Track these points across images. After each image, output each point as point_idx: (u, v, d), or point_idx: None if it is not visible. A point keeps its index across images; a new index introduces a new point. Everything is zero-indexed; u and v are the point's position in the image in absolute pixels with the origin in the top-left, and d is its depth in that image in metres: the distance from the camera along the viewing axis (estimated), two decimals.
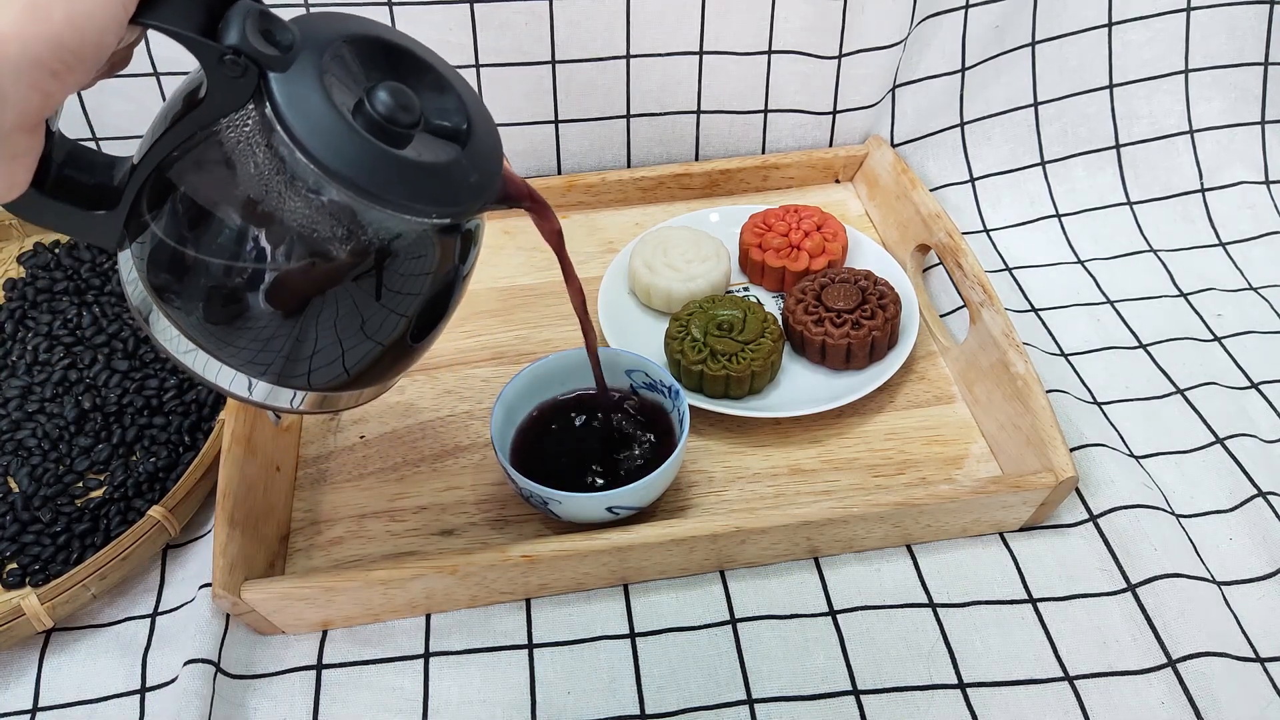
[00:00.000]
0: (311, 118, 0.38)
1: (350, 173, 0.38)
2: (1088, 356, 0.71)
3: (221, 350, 0.43)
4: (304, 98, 0.38)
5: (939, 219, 0.71)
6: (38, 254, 0.75)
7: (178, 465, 0.61)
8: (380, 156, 0.38)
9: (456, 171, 0.41)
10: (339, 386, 0.46)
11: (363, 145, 0.38)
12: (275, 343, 0.43)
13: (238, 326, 0.42)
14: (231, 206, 0.40)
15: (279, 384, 0.45)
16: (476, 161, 0.42)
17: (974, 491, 0.55)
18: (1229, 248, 0.80)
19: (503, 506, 0.60)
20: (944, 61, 0.81)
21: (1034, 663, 0.53)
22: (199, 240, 0.40)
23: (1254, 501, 0.60)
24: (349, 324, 0.43)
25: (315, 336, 0.43)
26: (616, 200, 0.81)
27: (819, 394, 0.64)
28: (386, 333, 0.44)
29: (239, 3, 0.37)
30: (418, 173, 0.39)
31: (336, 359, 0.44)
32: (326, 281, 0.41)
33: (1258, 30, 0.83)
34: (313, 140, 0.38)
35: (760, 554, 0.56)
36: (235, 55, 0.36)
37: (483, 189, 0.42)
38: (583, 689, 0.52)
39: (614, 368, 0.60)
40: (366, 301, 0.42)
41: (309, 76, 0.38)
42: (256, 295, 0.41)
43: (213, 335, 0.43)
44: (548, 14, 0.74)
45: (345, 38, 0.40)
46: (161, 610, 0.56)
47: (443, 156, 0.41)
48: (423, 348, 0.47)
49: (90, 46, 0.31)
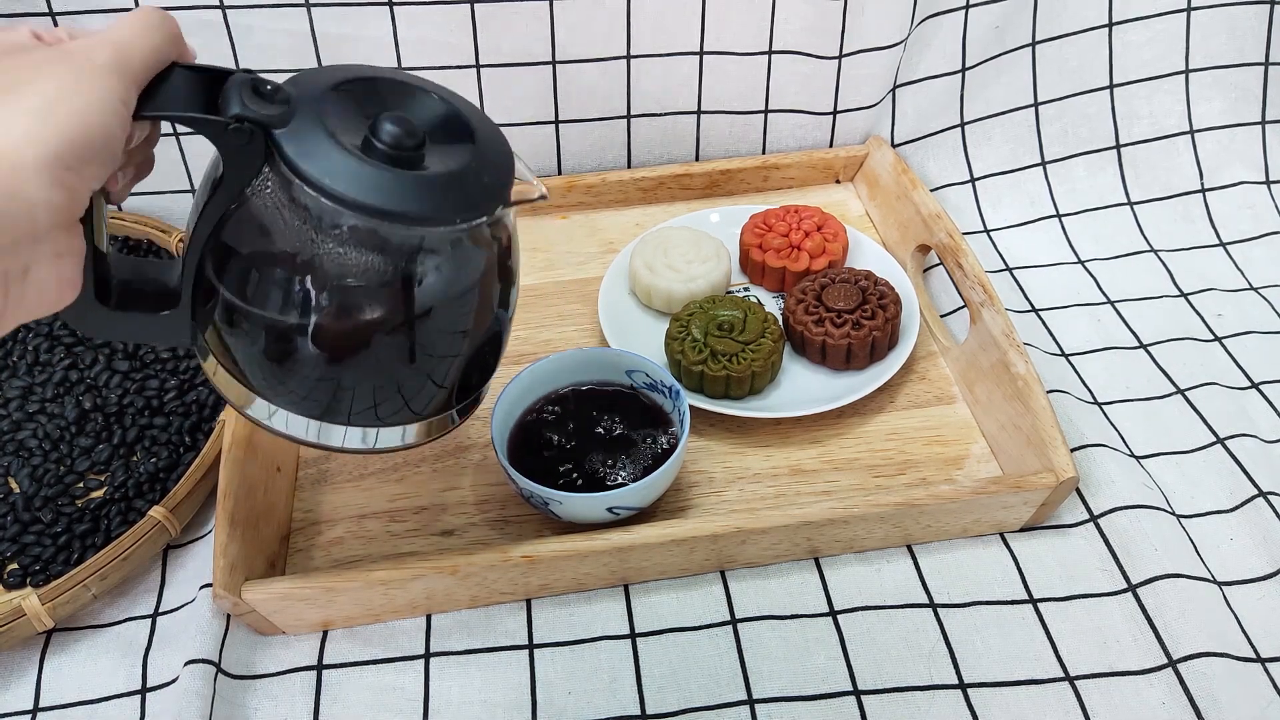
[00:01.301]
0: (323, 160, 0.39)
1: (371, 200, 0.39)
2: (1088, 357, 0.71)
3: (336, 410, 0.45)
4: (311, 144, 0.39)
5: (939, 219, 0.71)
6: None
7: (178, 466, 0.61)
8: (395, 179, 0.40)
9: (471, 177, 0.42)
10: (441, 407, 0.48)
11: (376, 173, 0.39)
12: (366, 386, 0.45)
13: (334, 382, 0.44)
14: (280, 266, 0.42)
15: (391, 423, 0.47)
16: (487, 164, 0.43)
17: (974, 492, 0.55)
18: (1229, 248, 0.80)
19: (503, 506, 0.60)
20: (944, 62, 0.81)
21: (1035, 663, 0.53)
22: (265, 308, 0.42)
23: (1254, 502, 0.60)
24: (431, 345, 0.45)
25: (403, 367, 0.45)
26: (617, 200, 0.81)
27: (819, 394, 0.64)
28: (464, 339, 0.47)
29: (232, 76, 0.39)
30: (434, 186, 0.41)
31: (432, 381, 0.47)
32: (391, 314, 0.43)
33: (1258, 30, 0.83)
34: (327, 180, 0.39)
35: (761, 554, 0.56)
36: (239, 123, 0.38)
37: (499, 188, 0.43)
38: (583, 689, 0.52)
39: (615, 368, 0.60)
40: (437, 318, 0.44)
41: (311, 125, 0.39)
42: (337, 346, 0.43)
43: (320, 397, 0.45)
44: (548, 15, 0.74)
45: (337, 83, 0.42)
46: (162, 610, 0.56)
47: (454, 166, 0.42)
48: (493, 343, 0.49)
49: (99, 140, 0.33)
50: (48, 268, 0.33)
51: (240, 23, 0.71)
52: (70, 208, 0.33)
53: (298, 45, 0.72)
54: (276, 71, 0.74)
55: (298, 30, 0.72)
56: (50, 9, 0.69)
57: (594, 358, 0.60)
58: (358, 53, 0.73)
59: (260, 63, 0.73)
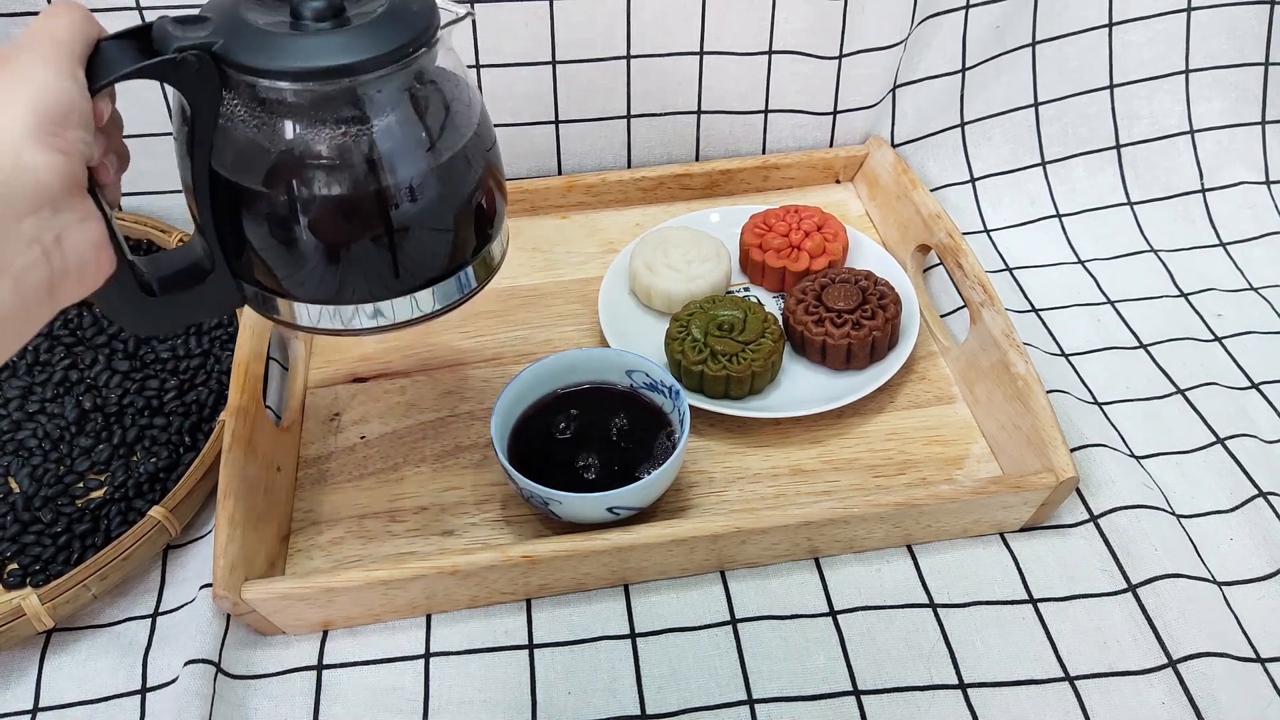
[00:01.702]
0: (268, 51, 0.41)
1: (330, 62, 0.41)
2: (1088, 357, 0.71)
3: (384, 281, 0.47)
4: (251, 44, 0.41)
5: (939, 219, 0.71)
6: None
7: (178, 465, 0.61)
8: (337, 39, 0.42)
9: (400, 15, 0.44)
10: (484, 244, 0.50)
11: (318, 40, 0.42)
12: (414, 238, 0.47)
13: (373, 251, 0.46)
14: (281, 165, 0.44)
15: (443, 279, 0.49)
16: (403, 10, 0.44)
17: (974, 492, 0.55)
18: (1229, 248, 0.80)
19: (503, 506, 0.60)
20: (944, 62, 0.81)
21: (1034, 663, 0.53)
22: (285, 209, 0.45)
23: (1254, 502, 0.60)
24: (432, 185, 0.46)
25: (435, 201, 0.47)
26: (617, 200, 0.81)
27: (819, 394, 0.64)
28: (455, 174, 0.47)
29: (156, 21, 0.41)
30: (370, 33, 0.42)
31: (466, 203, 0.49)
32: (388, 160, 0.45)
33: (1258, 30, 0.83)
34: (279, 64, 0.41)
35: (761, 554, 0.56)
36: (183, 54, 0.40)
37: (428, 14, 0.45)
38: (583, 689, 0.52)
39: (615, 368, 0.60)
40: (426, 155, 0.46)
41: (242, 28, 0.42)
42: (364, 213, 0.45)
43: (371, 270, 0.47)
44: (548, 15, 0.74)
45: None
46: (162, 610, 0.56)
47: (380, 12, 0.44)
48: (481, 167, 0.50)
49: (66, 103, 0.36)
50: (77, 232, 0.36)
51: None
52: (69, 168, 0.36)
53: None
54: None
55: None
56: None
57: (594, 358, 0.60)
58: None
59: None
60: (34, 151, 0.34)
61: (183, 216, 0.79)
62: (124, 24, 0.69)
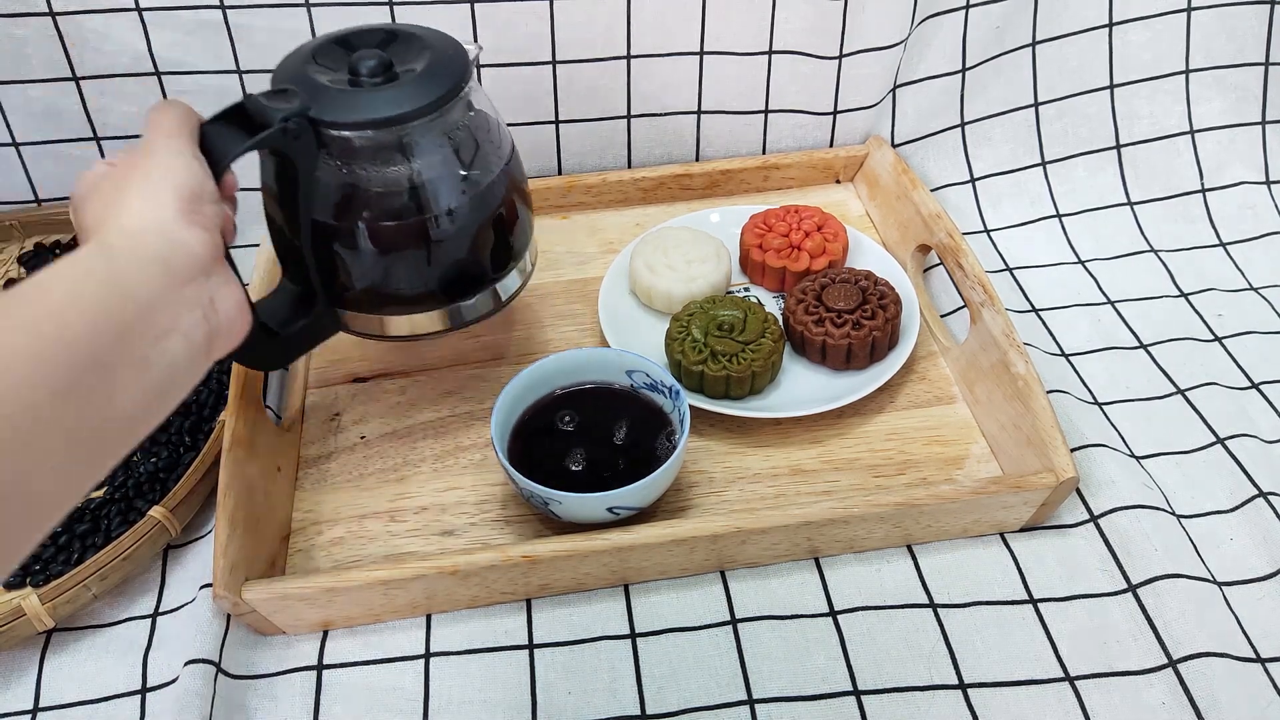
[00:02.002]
0: (349, 109, 0.49)
1: (393, 111, 0.49)
2: (1088, 357, 0.71)
3: (462, 284, 0.56)
4: (333, 105, 0.49)
5: (939, 219, 0.71)
6: (39, 255, 0.75)
7: (178, 465, 0.61)
8: (392, 93, 0.50)
9: (441, 64, 0.52)
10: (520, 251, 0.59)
11: (386, 93, 0.50)
12: (484, 241, 0.56)
13: (454, 260, 0.55)
14: (367, 200, 0.52)
15: (508, 273, 0.58)
16: (445, 59, 0.52)
17: (974, 492, 0.55)
18: (1229, 248, 0.80)
19: (503, 506, 0.60)
20: (944, 62, 0.81)
21: (1035, 663, 0.53)
22: (381, 237, 0.53)
23: (1254, 502, 0.60)
24: (492, 195, 0.55)
25: (498, 216, 0.56)
26: (617, 201, 0.81)
27: (819, 394, 0.64)
28: (508, 185, 0.56)
29: (248, 99, 0.48)
30: (419, 84, 0.50)
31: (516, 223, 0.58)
32: (449, 186, 0.53)
33: (1258, 31, 0.83)
34: (363, 117, 0.49)
35: (761, 554, 0.56)
36: (287, 122, 0.47)
37: (463, 62, 0.53)
38: (583, 689, 0.52)
39: (615, 368, 0.60)
40: (489, 171, 0.55)
41: (320, 93, 0.49)
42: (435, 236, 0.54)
43: (445, 279, 0.55)
44: (548, 15, 0.74)
45: (309, 56, 0.52)
46: (162, 610, 0.56)
47: (423, 65, 0.52)
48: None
49: (197, 185, 0.43)
50: (224, 293, 0.43)
51: (240, 23, 0.71)
52: (212, 239, 0.43)
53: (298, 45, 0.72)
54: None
55: (298, 30, 0.72)
56: (50, 8, 0.69)
57: (594, 358, 0.60)
58: None
59: (260, 62, 0.73)
60: (184, 229, 0.41)
61: None
62: (123, 23, 0.70)
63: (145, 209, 0.41)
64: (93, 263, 0.38)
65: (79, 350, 0.34)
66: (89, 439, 0.35)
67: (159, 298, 0.39)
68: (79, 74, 0.73)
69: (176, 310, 0.39)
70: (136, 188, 0.42)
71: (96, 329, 0.35)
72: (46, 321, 0.34)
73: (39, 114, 0.74)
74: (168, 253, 0.40)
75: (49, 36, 0.71)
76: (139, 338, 0.37)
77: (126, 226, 0.40)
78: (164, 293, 0.39)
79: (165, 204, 0.41)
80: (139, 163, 0.43)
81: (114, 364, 0.36)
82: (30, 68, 0.72)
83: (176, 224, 0.41)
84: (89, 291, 0.36)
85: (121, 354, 0.36)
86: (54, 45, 0.71)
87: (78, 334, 0.34)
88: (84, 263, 0.38)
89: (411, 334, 0.57)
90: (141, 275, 0.39)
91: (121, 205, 0.41)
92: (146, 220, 0.41)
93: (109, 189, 0.43)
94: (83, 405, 0.34)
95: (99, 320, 0.36)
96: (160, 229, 0.41)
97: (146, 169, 0.42)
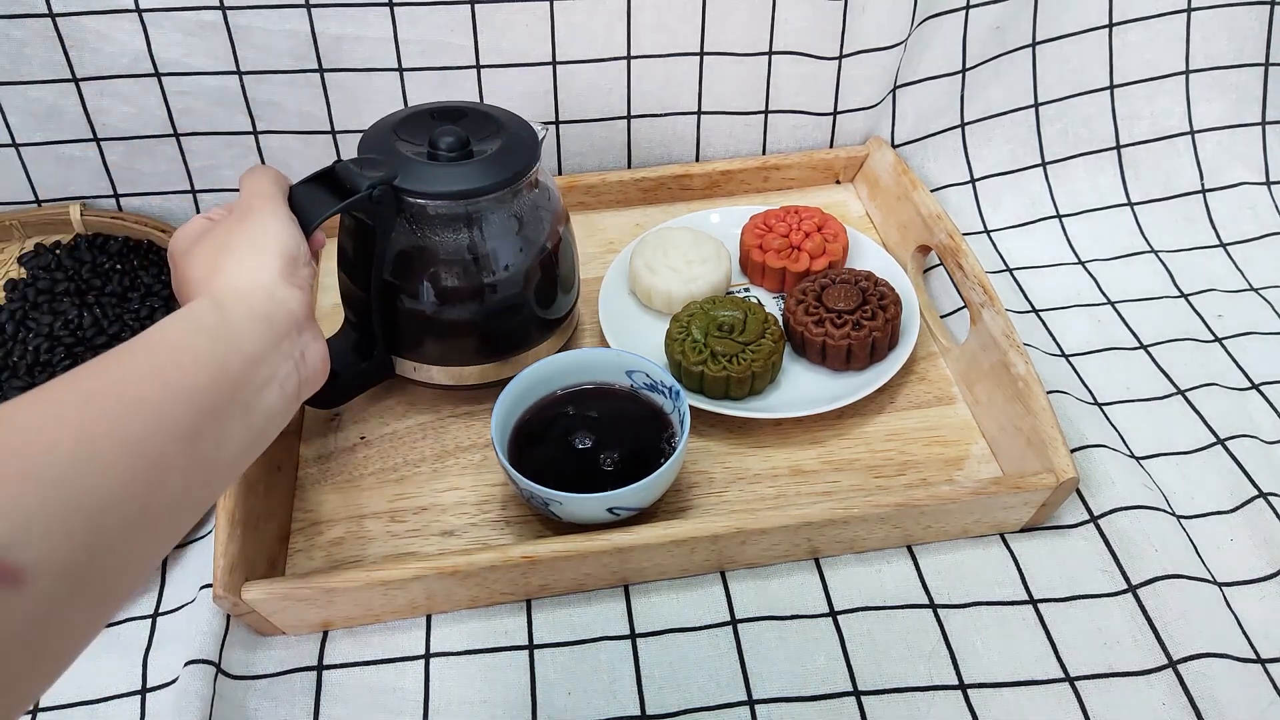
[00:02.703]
0: (429, 180, 0.54)
1: (470, 185, 0.55)
2: (1088, 357, 0.71)
3: (506, 343, 0.62)
4: (414, 175, 0.54)
5: (939, 220, 0.71)
6: (39, 255, 0.75)
7: None
8: (468, 168, 0.55)
9: (513, 145, 0.57)
10: (567, 313, 0.66)
11: (460, 168, 0.55)
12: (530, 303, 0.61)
13: (502, 321, 0.61)
14: (435, 262, 0.57)
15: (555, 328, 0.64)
16: (516, 141, 0.58)
17: (975, 492, 0.55)
18: (1230, 248, 0.80)
19: (503, 507, 0.60)
20: (944, 62, 0.81)
21: (1035, 663, 0.53)
22: (447, 297, 0.58)
23: (1255, 502, 0.60)
24: (550, 265, 0.61)
25: (544, 286, 0.61)
26: (617, 201, 0.81)
27: (819, 395, 0.64)
28: (560, 254, 0.62)
29: (339, 165, 0.53)
30: (493, 161, 0.56)
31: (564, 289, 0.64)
32: (516, 255, 0.59)
33: (1258, 31, 0.83)
34: (442, 188, 0.55)
35: (761, 555, 0.56)
36: (374, 189, 0.52)
37: (533, 144, 0.59)
38: (583, 690, 0.52)
39: (615, 368, 0.60)
40: (545, 241, 0.61)
41: (401, 162, 0.54)
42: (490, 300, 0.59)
43: (502, 338, 0.61)
44: (548, 15, 0.74)
45: (392, 128, 0.57)
46: (162, 611, 0.56)
47: (498, 147, 0.57)
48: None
49: (295, 248, 0.48)
50: (313, 348, 0.47)
51: (240, 23, 0.71)
52: (306, 299, 0.47)
53: (298, 45, 0.72)
54: (277, 72, 0.74)
55: (298, 30, 0.72)
56: (50, 9, 0.69)
57: (594, 358, 0.60)
58: (358, 53, 0.73)
59: (260, 63, 0.73)
60: (284, 289, 0.46)
61: (184, 217, 0.79)
62: (123, 24, 0.71)
63: (252, 270, 0.45)
64: (208, 319, 0.42)
65: (199, 399, 0.38)
66: (200, 480, 0.38)
67: (262, 352, 0.43)
68: (78, 75, 0.73)
69: (276, 363, 0.44)
70: (243, 249, 0.46)
71: (212, 380, 0.39)
72: (172, 371, 0.38)
73: (39, 114, 0.74)
74: (271, 310, 0.44)
75: (48, 37, 0.71)
76: (245, 387, 0.41)
77: (237, 286, 0.45)
78: (267, 347, 0.43)
79: (269, 266, 0.46)
80: (242, 224, 0.47)
81: (225, 411, 0.39)
82: (30, 68, 0.72)
83: (278, 284, 0.45)
84: (206, 346, 0.41)
85: (231, 402, 0.40)
86: (53, 46, 0.71)
87: (198, 384, 0.38)
88: (201, 318, 0.42)
89: (459, 384, 0.62)
90: (249, 331, 0.43)
91: (230, 264, 0.46)
92: (254, 281, 0.45)
93: (216, 246, 0.47)
94: (198, 449, 0.37)
95: (215, 372, 0.40)
96: (265, 289, 0.45)
97: (251, 232, 0.47)
